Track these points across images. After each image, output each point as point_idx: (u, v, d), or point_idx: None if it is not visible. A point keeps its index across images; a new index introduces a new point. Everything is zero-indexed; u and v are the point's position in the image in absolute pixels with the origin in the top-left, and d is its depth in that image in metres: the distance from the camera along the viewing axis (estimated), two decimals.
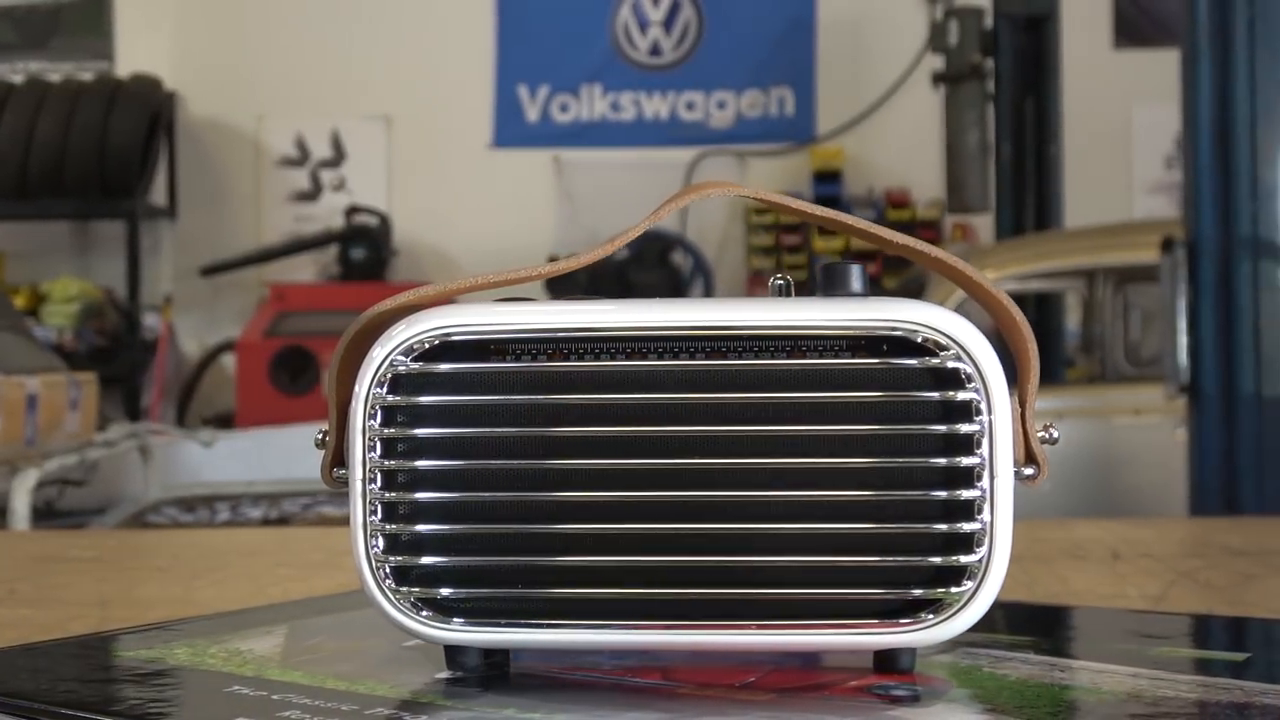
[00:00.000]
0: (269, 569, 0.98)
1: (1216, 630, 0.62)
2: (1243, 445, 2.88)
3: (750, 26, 6.92)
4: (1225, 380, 2.88)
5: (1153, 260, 3.27)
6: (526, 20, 7.00)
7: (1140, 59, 6.70)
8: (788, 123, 6.93)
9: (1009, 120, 5.41)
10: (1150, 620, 0.65)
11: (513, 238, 6.83)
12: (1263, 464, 2.87)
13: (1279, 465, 2.86)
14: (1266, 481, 2.87)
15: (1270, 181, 2.88)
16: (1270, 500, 2.82)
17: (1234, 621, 0.65)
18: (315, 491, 2.88)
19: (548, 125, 7.02)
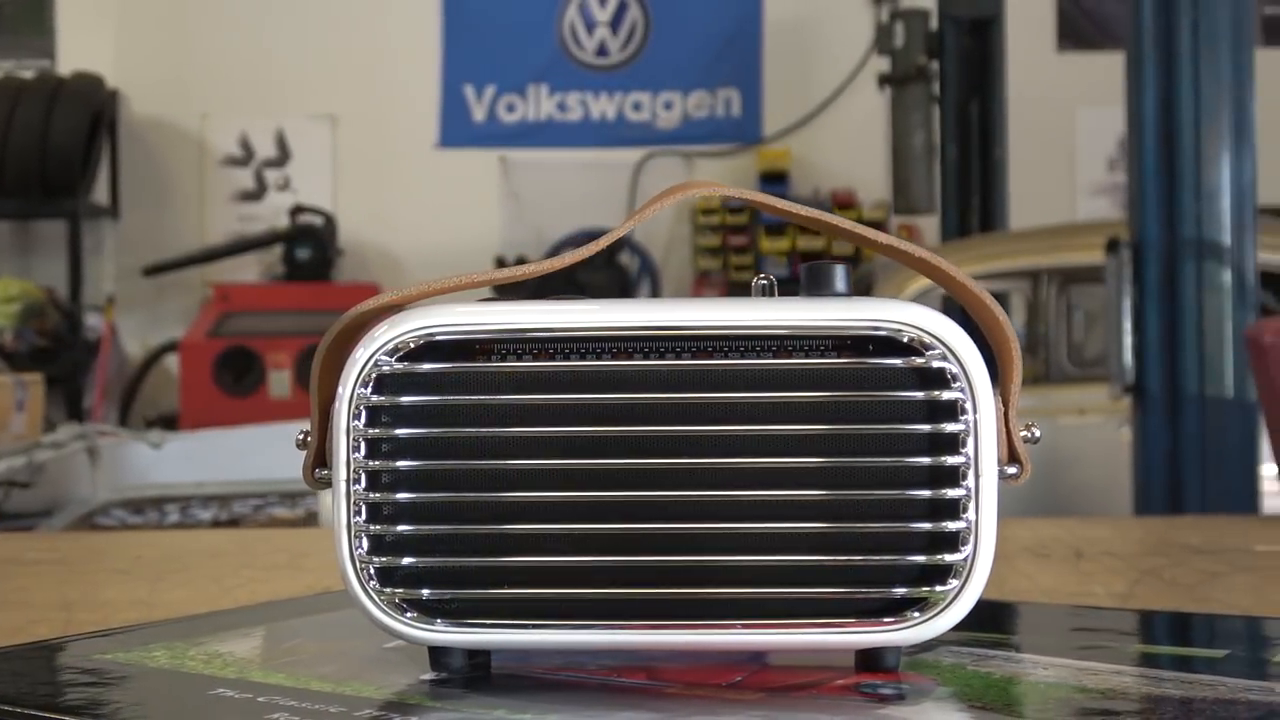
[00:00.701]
0: (232, 570, 0.97)
1: (1192, 627, 0.62)
2: (1186, 444, 2.91)
3: (697, 27, 6.93)
4: (1169, 380, 2.91)
5: (1097, 261, 3.29)
6: (473, 20, 6.99)
7: (1083, 62, 6.75)
8: (734, 124, 6.95)
9: (954, 122, 5.43)
10: (1124, 618, 0.65)
11: (459, 238, 6.81)
12: (1206, 463, 2.90)
13: (1222, 464, 2.89)
14: (1210, 480, 2.90)
15: (1214, 183, 2.91)
16: (1213, 499, 2.85)
17: (1207, 619, 0.66)
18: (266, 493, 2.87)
19: (494, 125, 7.01)
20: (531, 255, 6.71)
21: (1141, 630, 0.61)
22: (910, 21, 5.72)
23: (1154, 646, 0.57)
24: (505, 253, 6.66)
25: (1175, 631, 0.61)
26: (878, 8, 6.68)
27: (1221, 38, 2.93)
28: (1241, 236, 2.91)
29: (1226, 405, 2.91)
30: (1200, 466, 2.92)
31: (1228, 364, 2.88)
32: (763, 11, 6.90)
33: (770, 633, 0.52)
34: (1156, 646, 0.57)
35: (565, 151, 6.95)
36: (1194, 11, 2.96)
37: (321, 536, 1.32)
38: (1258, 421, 2.85)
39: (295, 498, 2.79)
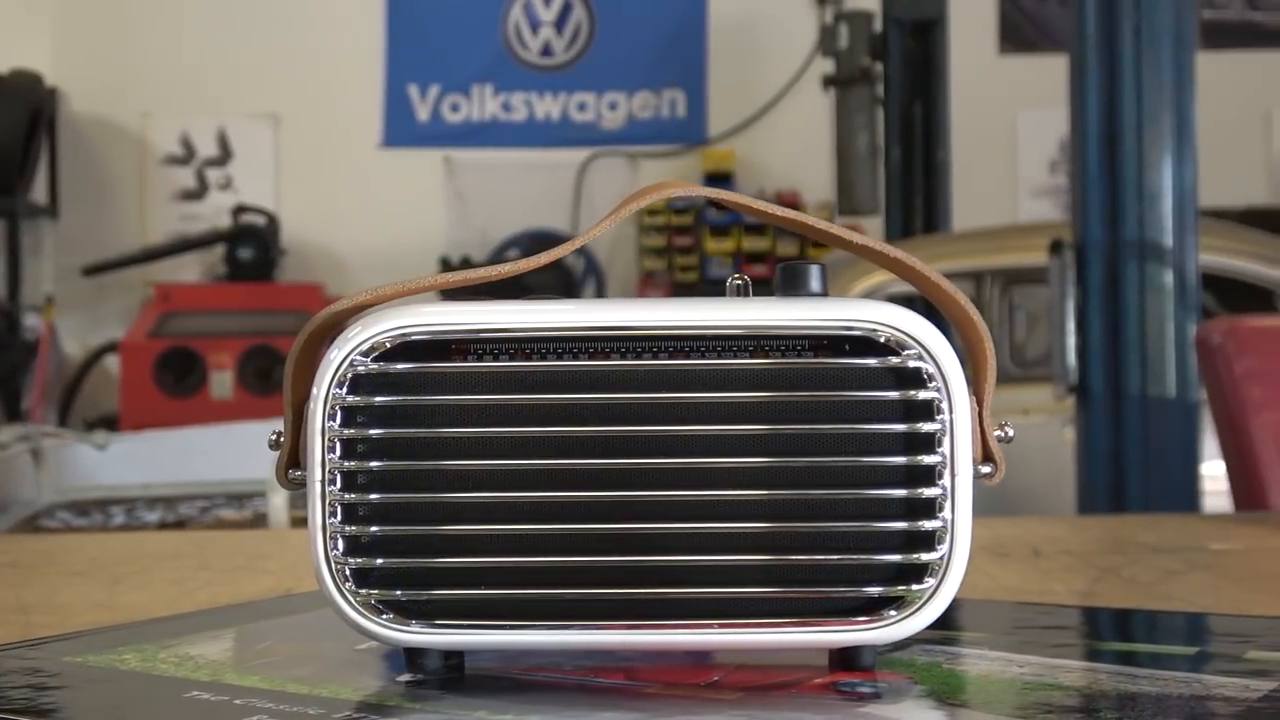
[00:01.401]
0: (191, 573, 0.97)
1: (1161, 625, 0.63)
2: (1129, 444, 2.94)
3: (642, 28, 6.93)
4: (1112, 380, 2.93)
5: (1038, 263, 3.32)
6: (417, 19, 6.96)
7: (1025, 64, 6.80)
8: (679, 124, 6.95)
9: (898, 124, 5.47)
10: (1092, 615, 0.66)
11: (403, 238, 6.78)
12: (1148, 462, 2.93)
13: (1164, 463, 2.92)
14: (1152, 479, 2.92)
15: (1156, 185, 2.94)
16: (1155, 498, 2.88)
17: (1175, 616, 0.66)
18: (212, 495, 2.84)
19: (438, 125, 6.98)
20: (476, 256, 6.69)
21: (1111, 628, 0.62)
22: (854, 23, 5.74)
23: (1125, 644, 0.58)
24: (450, 253, 6.64)
25: (1145, 629, 0.62)
26: (821, 9, 6.71)
27: (1163, 42, 2.96)
28: (1183, 238, 2.94)
29: (1168, 405, 2.93)
30: (1142, 466, 2.94)
31: (1169, 364, 2.90)
32: (707, 13, 6.91)
33: (747, 632, 0.53)
34: (1128, 644, 0.58)
35: (510, 152, 6.94)
36: (1136, 15, 2.99)
37: (279, 538, 1.31)
38: (1199, 421, 2.88)
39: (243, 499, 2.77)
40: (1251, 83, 6.51)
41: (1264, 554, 0.99)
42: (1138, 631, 0.61)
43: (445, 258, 6.49)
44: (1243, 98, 6.37)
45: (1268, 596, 0.82)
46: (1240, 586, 0.85)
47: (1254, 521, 1.20)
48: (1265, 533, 1.09)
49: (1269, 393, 1.44)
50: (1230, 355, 1.46)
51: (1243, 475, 1.45)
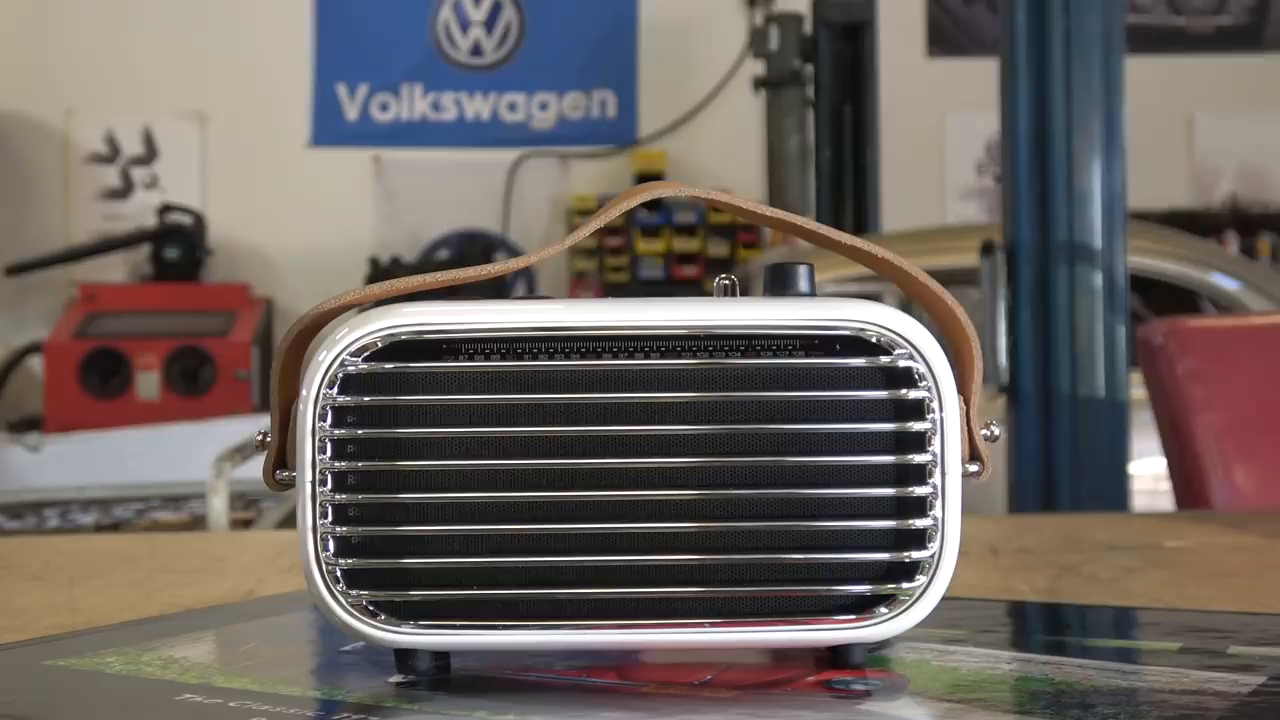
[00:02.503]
0: (149, 575, 0.96)
1: (1138, 622, 0.64)
2: (1059, 444, 2.97)
3: (572, 29, 6.92)
4: (1043, 380, 2.96)
5: (969, 264, 3.35)
6: (345, 17, 6.92)
7: (952, 67, 6.86)
8: (610, 125, 6.96)
9: (828, 125, 5.50)
10: (1066, 613, 0.67)
11: (332, 237, 6.74)
12: (1078, 462, 2.96)
13: (1094, 463, 2.95)
14: (1081, 479, 2.96)
15: (1085, 188, 2.97)
16: (1085, 498, 2.91)
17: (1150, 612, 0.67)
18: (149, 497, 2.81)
19: (367, 124, 6.94)
20: (406, 256, 6.66)
21: (1089, 624, 0.63)
22: (785, 26, 5.78)
23: (1107, 640, 0.58)
24: (379, 253, 6.60)
25: (1124, 625, 0.63)
26: (752, 11, 6.73)
27: (1092, 46, 2.99)
28: (1112, 240, 2.97)
29: (1098, 405, 2.97)
30: (1072, 465, 2.97)
31: (1099, 365, 2.94)
32: (638, 14, 6.91)
33: (740, 631, 0.53)
34: (1110, 640, 0.58)
35: (440, 151, 6.91)
36: (1066, 20, 3.02)
37: (233, 540, 1.30)
38: (1128, 421, 2.92)
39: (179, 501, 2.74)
40: (1174, 87, 6.60)
41: (1218, 551, 1.00)
42: (1118, 628, 0.62)
43: (375, 258, 6.46)
44: (1165, 102, 6.46)
45: (1228, 594, 0.83)
46: (1201, 583, 0.87)
47: (1202, 519, 1.22)
48: (1215, 530, 1.11)
49: (1210, 392, 1.46)
50: (1172, 356, 1.48)
51: (1185, 474, 1.47)
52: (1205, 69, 6.94)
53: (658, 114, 6.88)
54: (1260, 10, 7.03)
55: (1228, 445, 1.45)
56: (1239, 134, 6.92)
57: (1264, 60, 7.01)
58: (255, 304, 6.51)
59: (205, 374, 6.17)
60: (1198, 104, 6.90)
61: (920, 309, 0.59)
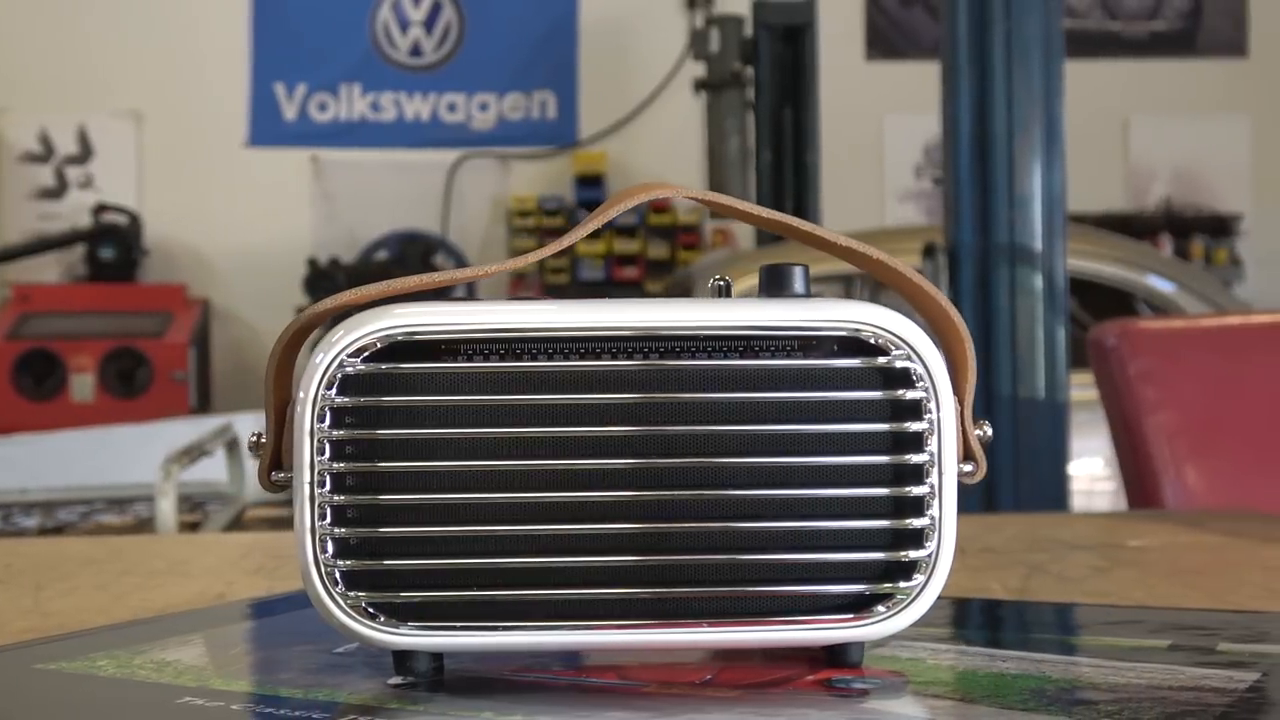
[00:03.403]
0: (114, 578, 0.95)
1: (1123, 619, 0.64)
2: (1000, 445, 2.99)
3: (512, 29, 6.91)
4: (984, 381, 2.98)
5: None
6: (283, 16, 6.87)
7: (891, 70, 6.90)
8: (550, 126, 6.95)
9: (768, 128, 5.52)
10: (1049, 611, 0.67)
11: (270, 238, 6.70)
12: (1019, 462, 2.98)
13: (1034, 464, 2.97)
14: (1022, 480, 2.98)
15: (1026, 190, 2.99)
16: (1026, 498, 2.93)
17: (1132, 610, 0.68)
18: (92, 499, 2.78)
19: (306, 124, 6.90)
20: (344, 257, 6.62)
21: (1075, 622, 0.63)
22: (725, 28, 5.79)
23: (1097, 638, 0.59)
24: (318, 254, 6.56)
25: (1106, 623, 0.63)
26: (692, 13, 6.75)
27: (1033, 50, 3.01)
28: (1052, 243, 3.00)
29: (1038, 406, 2.99)
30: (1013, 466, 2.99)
31: (1039, 366, 2.96)
32: (578, 15, 6.91)
33: (739, 630, 0.53)
34: (1099, 638, 0.59)
35: (379, 152, 6.88)
36: (1006, 23, 3.04)
37: (195, 543, 1.29)
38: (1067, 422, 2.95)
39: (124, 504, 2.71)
40: (1110, 91, 6.67)
41: (1180, 550, 1.02)
42: (1104, 626, 0.62)
43: (313, 258, 6.42)
44: (1101, 106, 6.52)
45: (1198, 592, 0.84)
46: (1169, 582, 0.88)
47: (1160, 519, 1.23)
48: (1174, 529, 1.12)
49: (1163, 393, 1.48)
50: (1125, 357, 1.50)
51: (1137, 474, 1.48)
52: (1140, 73, 7.02)
53: (598, 115, 6.88)
54: (1193, 15, 7.12)
55: (1179, 445, 1.47)
56: (1173, 138, 7.01)
57: (1197, 65, 7.10)
58: (192, 305, 6.46)
59: (141, 375, 6.11)
60: (1132, 108, 6.98)
61: (913, 310, 0.59)
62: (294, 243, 6.67)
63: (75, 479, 2.93)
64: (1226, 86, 7.05)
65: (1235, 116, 7.02)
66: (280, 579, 0.93)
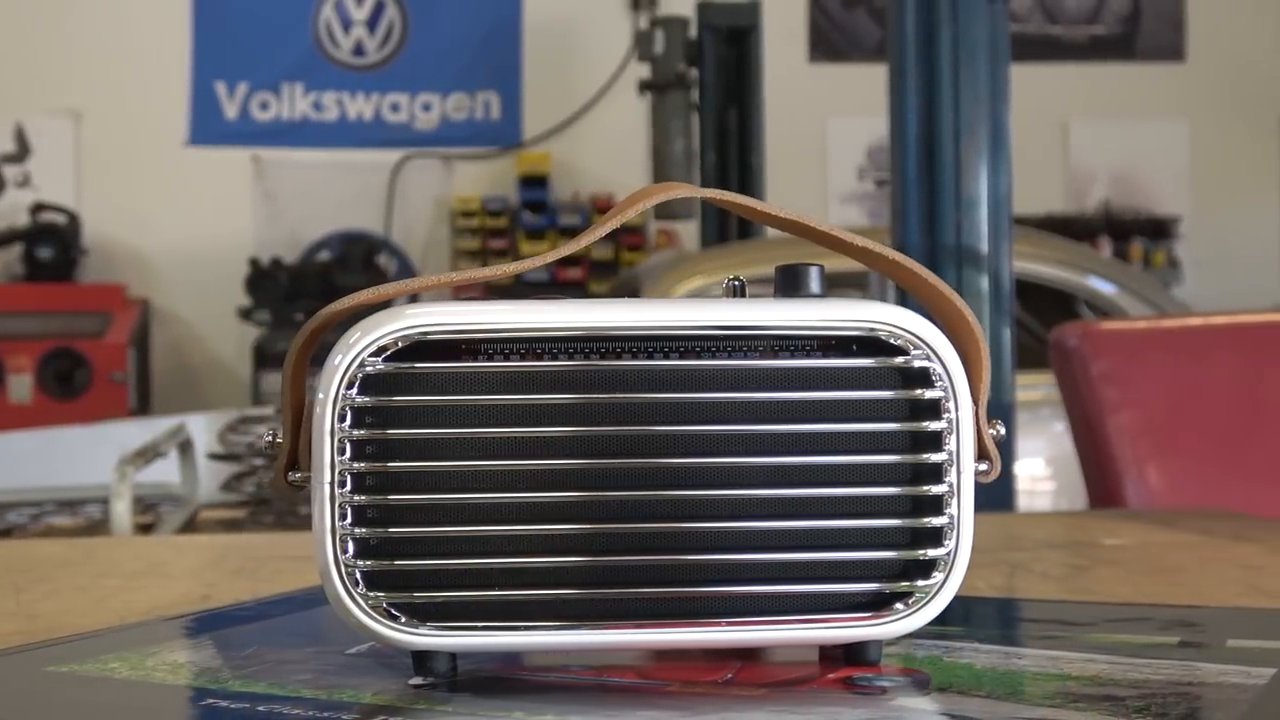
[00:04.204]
0: (93, 580, 0.94)
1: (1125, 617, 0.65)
2: None
3: (456, 29, 6.89)
4: None
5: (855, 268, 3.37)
6: (224, 14, 6.82)
7: (834, 73, 6.93)
8: (494, 126, 6.93)
9: (713, 129, 5.52)
10: (1050, 608, 0.68)
11: (211, 237, 6.64)
12: None
13: None
14: None
15: (973, 193, 3.01)
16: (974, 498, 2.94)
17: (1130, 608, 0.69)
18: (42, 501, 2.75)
19: (247, 123, 6.85)
20: (286, 257, 6.57)
21: (1079, 620, 0.64)
22: (670, 29, 5.79)
23: (1106, 635, 0.60)
24: (259, 254, 6.50)
25: (1113, 620, 0.64)
26: (636, 14, 6.75)
27: (979, 52, 3.03)
28: (998, 245, 3.01)
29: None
30: None
31: None
32: (522, 15, 6.90)
33: (760, 629, 0.53)
34: (1108, 635, 0.60)
35: (321, 152, 6.83)
36: (954, 26, 3.05)
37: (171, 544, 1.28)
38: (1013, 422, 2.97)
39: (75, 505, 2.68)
40: (1050, 94, 6.73)
41: (1156, 548, 1.03)
42: (1110, 623, 0.63)
43: (255, 259, 6.37)
44: (1042, 109, 6.57)
45: (1182, 589, 0.85)
46: (1152, 580, 0.89)
47: (1130, 518, 1.24)
48: (1146, 528, 1.13)
49: (1124, 393, 1.49)
50: (1086, 357, 1.51)
51: (1099, 474, 1.50)
52: (1080, 77, 7.09)
53: (542, 116, 6.87)
54: (1132, 20, 7.19)
55: (1141, 445, 1.48)
56: (1112, 141, 7.08)
57: (1136, 69, 7.17)
58: (131, 305, 6.39)
59: (80, 376, 6.04)
60: (1072, 111, 7.05)
61: (928, 310, 0.59)
62: (235, 243, 6.62)
63: (21, 481, 2.90)
64: (1165, 90, 7.13)
65: (1173, 120, 7.10)
66: (263, 580, 0.93)
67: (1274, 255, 7.24)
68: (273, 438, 0.56)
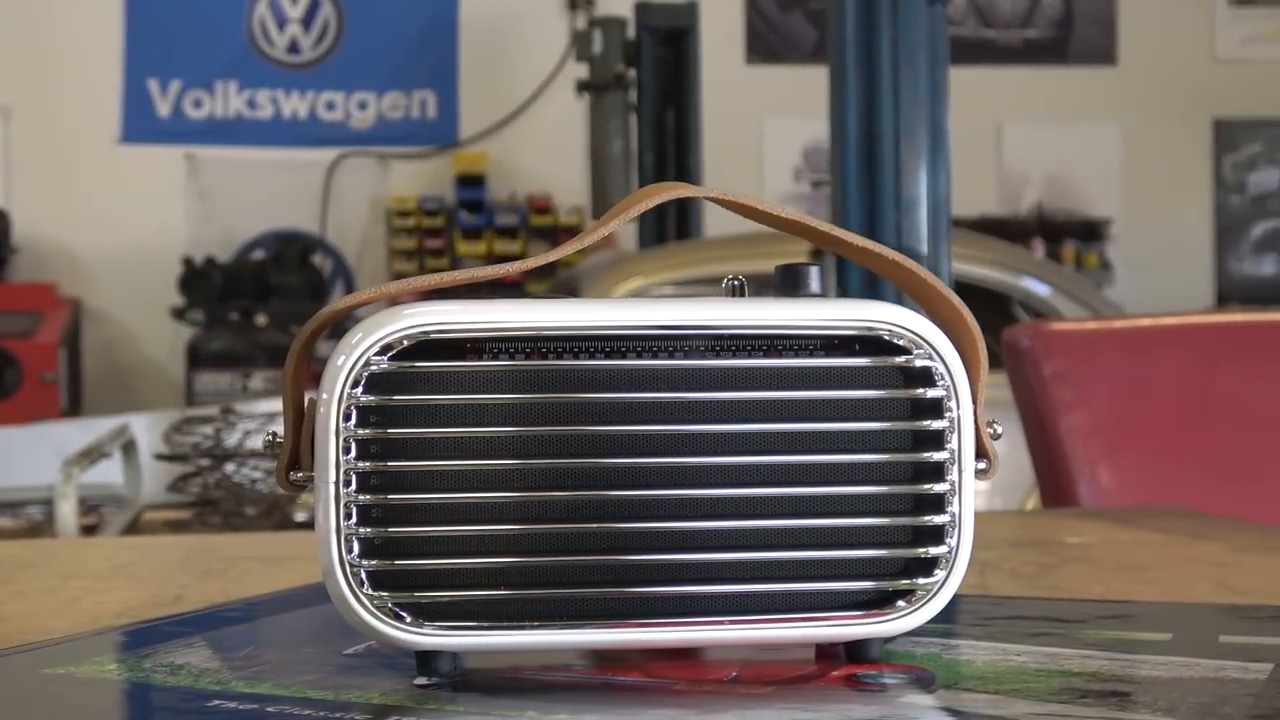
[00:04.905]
0: (60, 582, 0.93)
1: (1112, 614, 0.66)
2: None
3: (391, 28, 6.86)
4: None
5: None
6: (157, 11, 6.75)
7: (770, 74, 6.96)
8: (430, 125, 6.90)
9: (651, 130, 5.53)
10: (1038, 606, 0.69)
11: (143, 236, 6.58)
12: None
13: None
14: None
15: (912, 194, 3.03)
16: None
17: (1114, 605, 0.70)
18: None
19: (180, 121, 6.79)
20: (220, 256, 6.52)
21: (1066, 617, 0.64)
22: (608, 30, 5.80)
23: (1098, 632, 0.60)
24: (193, 253, 6.45)
25: (1101, 617, 0.65)
26: (573, 14, 6.75)
27: (919, 55, 3.04)
28: (937, 246, 3.03)
29: None
30: None
31: None
32: (458, 14, 6.87)
33: (763, 627, 0.53)
34: (1100, 632, 0.60)
35: (255, 150, 6.78)
36: (893, 28, 3.07)
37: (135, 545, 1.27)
38: None
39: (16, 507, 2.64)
40: (984, 97, 6.78)
41: (1121, 546, 1.04)
42: (1099, 620, 0.64)
43: (188, 257, 6.31)
44: (976, 111, 6.62)
45: (1152, 586, 0.86)
46: (1121, 577, 0.90)
47: (1090, 517, 1.26)
48: (1107, 527, 1.15)
49: (1077, 393, 1.51)
50: (1039, 358, 1.53)
51: (1052, 474, 1.51)
52: (1013, 80, 7.15)
53: (479, 115, 6.85)
54: (1065, 24, 7.27)
55: (1092, 445, 1.50)
56: (1045, 144, 7.15)
57: (1069, 72, 7.25)
58: (62, 305, 6.32)
59: (10, 377, 5.96)
60: (1006, 114, 7.11)
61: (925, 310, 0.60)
62: (168, 242, 6.55)
63: None
64: (1097, 94, 7.20)
65: (1105, 123, 7.17)
66: (233, 581, 0.92)
67: (1204, 257, 7.34)
68: (273, 437, 0.56)
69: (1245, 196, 7.39)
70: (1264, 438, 1.56)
